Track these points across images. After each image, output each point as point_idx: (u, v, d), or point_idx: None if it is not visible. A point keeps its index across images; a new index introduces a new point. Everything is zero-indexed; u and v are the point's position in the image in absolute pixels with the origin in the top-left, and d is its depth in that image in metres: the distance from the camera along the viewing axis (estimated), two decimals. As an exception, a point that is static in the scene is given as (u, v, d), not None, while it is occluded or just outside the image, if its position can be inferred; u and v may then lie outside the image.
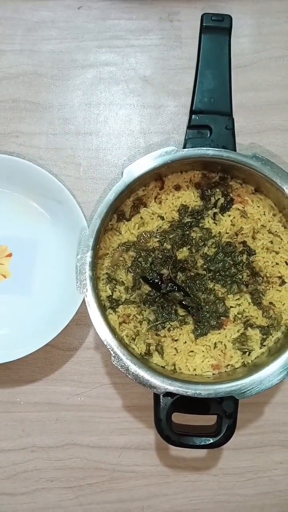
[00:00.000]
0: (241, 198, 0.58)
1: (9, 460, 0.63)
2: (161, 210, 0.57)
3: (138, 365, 0.50)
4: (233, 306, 0.56)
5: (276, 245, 0.56)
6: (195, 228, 0.57)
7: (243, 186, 0.58)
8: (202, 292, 0.56)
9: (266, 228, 0.57)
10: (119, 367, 0.50)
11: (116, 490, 0.64)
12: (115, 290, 0.56)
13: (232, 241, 0.57)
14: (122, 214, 0.56)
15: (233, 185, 0.58)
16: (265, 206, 0.57)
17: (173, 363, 0.55)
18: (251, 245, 0.57)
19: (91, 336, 0.64)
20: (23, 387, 0.64)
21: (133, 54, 0.67)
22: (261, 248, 0.57)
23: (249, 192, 0.58)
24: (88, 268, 0.50)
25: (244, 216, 0.57)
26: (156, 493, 0.64)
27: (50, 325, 0.60)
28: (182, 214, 0.57)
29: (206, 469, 0.64)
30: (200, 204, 0.57)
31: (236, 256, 0.57)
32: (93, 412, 0.64)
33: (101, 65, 0.67)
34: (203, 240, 0.57)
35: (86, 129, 0.67)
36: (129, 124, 0.67)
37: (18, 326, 0.62)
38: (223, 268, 0.57)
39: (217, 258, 0.57)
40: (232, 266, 0.57)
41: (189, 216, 0.57)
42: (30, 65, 0.67)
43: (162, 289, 0.56)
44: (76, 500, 0.63)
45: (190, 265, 0.57)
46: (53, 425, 0.64)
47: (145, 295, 0.56)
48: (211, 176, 0.58)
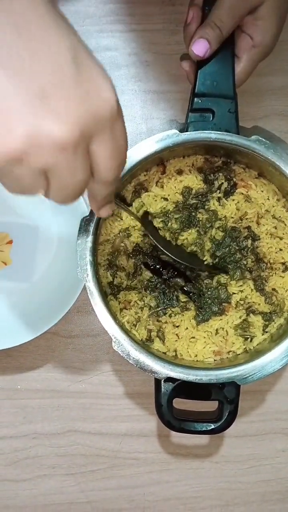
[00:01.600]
0: (245, 182, 0.57)
1: (10, 447, 0.63)
2: (164, 192, 0.56)
3: (139, 350, 0.49)
4: (235, 293, 0.55)
5: (280, 230, 0.56)
6: (201, 210, 0.56)
7: (246, 171, 0.57)
8: (204, 278, 0.55)
9: (270, 213, 0.56)
10: (120, 353, 0.49)
11: (117, 477, 0.64)
12: (116, 276, 0.55)
13: (237, 226, 0.56)
14: (123, 200, 0.55)
15: (236, 169, 0.57)
16: (268, 191, 0.56)
17: (175, 349, 0.54)
18: (255, 231, 0.56)
19: (92, 324, 0.64)
20: (24, 374, 0.64)
21: (135, 38, 0.66)
22: (265, 234, 0.56)
23: (252, 176, 0.57)
24: (88, 253, 0.49)
25: (248, 200, 0.56)
26: (157, 480, 0.64)
27: (51, 312, 0.60)
28: (186, 196, 0.56)
29: (208, 456, 0.64)
30: (204, 187, 0.57)
31: (241, 241, 0.56)
32: (95, 399, 0.64)
33: (103, 50, 0.66)
34: (210, 221, 0.56)
35: (87, 115, 0.66)
36: (131, 110, 0.66)
37: (19, 313, 0.61)
38: (229, 254, 0.56)
39: (224, 242, 0.56)
40: (238, 251, 0.56)
41: (194, 198, 0.56)
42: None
43: (163, 275, 0.55)
44: (78, 487, 0.64)
45: (198, 248, 0.56)
46: (54, 412, 0.64)
47: (146, 281, 0.55)
48: (213, 160, 0.57)
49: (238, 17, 0.52)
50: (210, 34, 0.51)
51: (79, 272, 0.49)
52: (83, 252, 0.49)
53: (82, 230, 0.49)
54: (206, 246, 0.56)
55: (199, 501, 0.64)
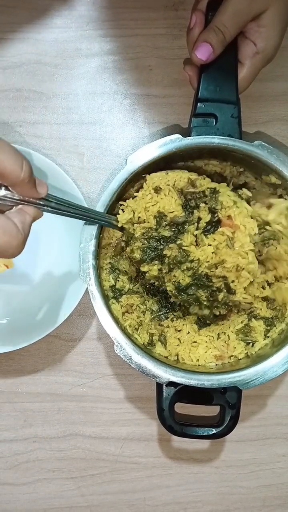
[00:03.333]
0: (232, 221, 0.48)
1: (11, 450, 0.63)
2: (136, 206, 0.51)
3: (141, 354, 0.49)
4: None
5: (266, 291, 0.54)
6: (172, 245, 0.49)
7: (238, 205, 0.49)
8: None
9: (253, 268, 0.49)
10: (122, 357, 0.49)
11: (117, 481, 0.64)
12: (118, 280, 0.55)
13: (210, 273, 0.49)
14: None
15: (223, 201, 0.49)
16: None
17: (176, 354, 0.54)
18: (231, 285, 0.49)
19: (93, 327, 0.64)
20: (25, 377, 0.63)
21: (138, 43, 0.67)
22: (243, 290, 0.50)
23: (244, 214, 0.48)
24: (91, 257, 0.49)
25: (229, 246, 0.48)
26: (158, 485, 0.64)
27: (52, 315, 0.60)
28: (159, 223, 0.49)
29: (208, 461, 0.64)
30: (181, 215, 0.49)
31: (212, 292, 0.50)
32: (95, 403, 0.64)
33: (106, 54, 0.67)
34: (177, 262, 0.49)
35: (90, 118, 0.66)
36: (133, 114, 0.66)
37: (20, 316, 0.61)
38: (193, 302, 0.51)
39: (189, 290, 0.50)
40: (206, 302, 0.50)
41: (167, 229, 0.49)
42: (34, 54, 0.66)
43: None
44: (78, 491, 0.63)
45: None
46: (55, 415, 0.63)
47: (148, 285, 0.55)
48: (199, 184, 0.51)
49: (242, 23, 0.52)
50: (214, 38, 0.51)
51: (81, 275, 0.49)
52: (85, 255, 0.49)
53: (84, 233, 0.49)
54: (168, 286, 0.51)
55: (200, 506, 0.64)
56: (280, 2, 0.51)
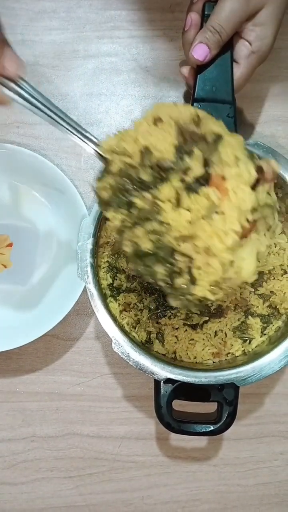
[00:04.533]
0: (222, 181, 0.36)
1: (9, 450, 0.63)
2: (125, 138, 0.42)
3: (139, 352, 0.50)
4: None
5: None
6: (146, 194, 0.38)
7: (239, 165, 0.37)
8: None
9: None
10: (120, 354, 0.49)
11: (116, 480, 0.64)
12: (116, 279, 0.56)
13: (176, 247, 0.37)
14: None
15: (222, 153, 0.37)
16: None
17: (174, 351, 0.55)
18: (195, 271, 0.37)
19: (91, 326, 0.64)
20: (23, 376, 0.64)
21: (135, 44, 0.67)
22: (207, 283, 0.38)
23: (244, 181, 0.36)
24: (89, 255, 0.50)
25: (208, 216, 0.36)
26: (156, 483, 0.64)
27: (50, 314, 0.60)
28: (142, 162, 0.39)
29: (206, 459, 0.64)
30: (170, 159, 0.38)
31: (173, 272, 0.39)
32: (93, 402, 0.64)
33: (103, 56, 0.67)
34: (144, 218, 0.38)
35: (87, 119, 0.67)
36: (131, 115, 0.67)
37: (18, 315, 0.62)
38: (148, 277, 0.40)
39: (146, 260, 0.39)
40: (162, 280, 0.40)
41: (149, 171, 0.38)
42: (31, 56, 0.67)
43: (163, 277, 0.55)
44: (76, 490, 0.63)
45: None
46: (53, 415, 0.64)
47: (146, 283, 0.56)
48: (203, 124, 0.40)
49: (238, 23, 0.53)
50: (210, 39, 0.52)
51: (79, 274, 0.50)
52: (83, 254, 0.50)
53: (82, 232, 0.50)
54: (126, 246, 0.40)
55: (198, 505, 0.64)
56: (275, 0, 0.52)
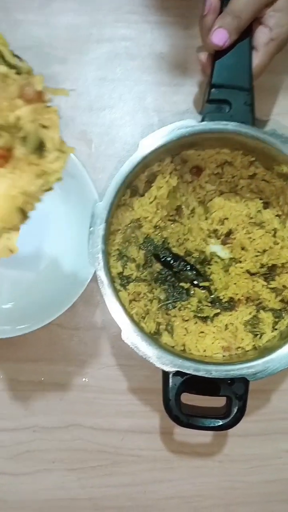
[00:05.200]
0: None
1: (11, 440, 0.62)
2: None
3: (149, 342, 0.48)
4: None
5: None
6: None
7: None
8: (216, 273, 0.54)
9: None
10: (130, 344, 0.48)
11: (119, 474, 0.63)
12: (126, 267, 0.54)
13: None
14: (135, 190, 0.55)
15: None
16: None
17: (183, 344, 0.53)
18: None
19: (97, 316, 0.63)
20: (27, 365, 0.62)
21: (150, 30, 0.66)
22: None
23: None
24: (100, 241, 0.48)
25: None
26: (160, 478, 0.63)
27: (56, 302, 0.59)
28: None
29: (211, 455, 0.63)
30: None
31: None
32: (98, 394, 0.63)
33: (117, 40, 0.66)
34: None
35: (99, 104, 0.65)
36: (144, 101, 0.65)
37: (23, 302, 0.60)
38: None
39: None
40: None
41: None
42: (45, 37, 0.65)
43: (174, 267, 0.54)
44: (78, 483, 0.62)
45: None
46: (57, 405, 0.62)
47: (156, 273, 0.54)
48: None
49: (257, 8, 0.51)
50: (230, 24, 0.50)
51: (90, 260, 0.48)
52: (95, 240, 0.48)
53: (95, 217, 0.48)
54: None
55: (201, 500, 0.63)
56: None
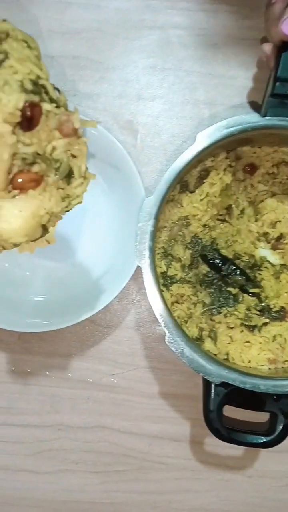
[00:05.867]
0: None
1: (34, 436, 0.60)
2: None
3: (194, 349, 0.46)
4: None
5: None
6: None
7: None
8: (267, 280, 0.51)
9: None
10: (173, 349, 0.45)
11: (144, 480, 0.60)
12: (170, 267, 0.51)
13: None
14: (186, 185, 0.51)
15: None
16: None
17: (226, 352, 0.50)
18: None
19: (132, 315, 0.60)
20: (56, 360, 0.60)
21: (206, 19, 0.62)
22: None
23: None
24: (148, 238, 0.46)
25: None
26: (186, 488, 0.60)
27: (92, 299, 0.56)
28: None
29: (241, 469, 0.60)
30: None
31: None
32: (127, 396, 0.60)
33: (171, 28, 0.62)
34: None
35: (148, 94, 0.62)
36: (195, 93, 0.62)
37: (58, 295, 0.58)
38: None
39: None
40: None
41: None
42: (95, 21, 0.62)
43: (222, 270, 0.51)
44: (101, 486, 0.60)
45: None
46: (84, 404, 0.60)
47: (202, 275, 0.51)
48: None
49: None
50: None
51: (137, 257, 0.45)
52: (143, 236, 0.45)
53: (144, 212, 0.46)
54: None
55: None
56: None
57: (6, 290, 0.56)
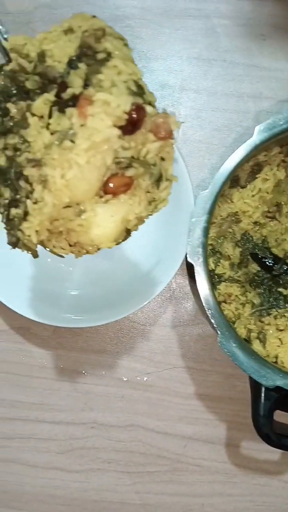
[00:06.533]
0: (88, 105, 0.33)
1: (66, 434, 0.58)
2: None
3: (247, 351, 0.44)
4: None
5: None
6: (22, 103, 0.35)
7: (113, 93, 0.33)
8: None
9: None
10: (225, 350, 0.43)
11: (177, 482, 0.58)
12: (219, 265, 0.50)
13: (24, 170, 0.34)
14: (237, 180, 0.49)
15: (103, 75, 0.34)
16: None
17: (276, 355, 0.49)
18: (28, 204, 0.34)
19: (168, 313, 0.59)
20: (90, 356, 0.58)
21: (252, 8, 0.60)
22: (37, 223, 0.34)
23: (107, 109, 0.33)
24: (201, 234, 0.44)
25: (60, 141, 0.34)
26: (219, 492, 0.58)
27: (130, 296, 0.54)
28: (35, 67, 0.36)
29: (278, 474, 0.58)
30: (60, 69, 0.35)
31: (15, 200, 0.35)
32: (162, 395, 0.59)
33: (216, 17, 0.60)
34: (9, 129, 0.35)
35: (191, 85, 0.60)
36: (240, 85, 0.60)
37: (96, 290, 0.56)
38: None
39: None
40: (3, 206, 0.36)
41: (36, 79, 0.35)
42: (138, 9, 0.60)
43: (274, 270, 0.49)
44: (133, 487, 0.58)
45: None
46: (117, 402, 0.58)
47: (252, 274, 0.49)
48: (103, 40, 0.36)
49: None
50: None
51: (189, 253, 0.44)
52: (196, 232, 0.44)
53: (198, 207, 0.44)
54: None
55: (262, 521, 0.58)
56: None
57: (45, 284, 0.55)
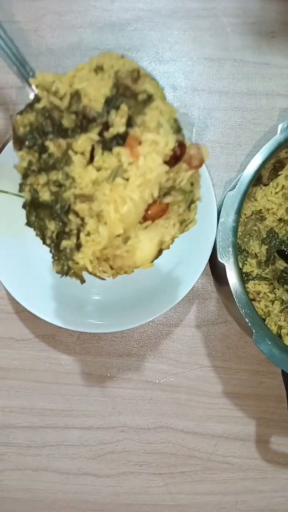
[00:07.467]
0: (137, 144, 0.35)
1: (96, 439, 0.58)
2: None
3: (283, 348, 0.44)
4: None
5: None
6: (61, 140, 0.36)
7: (160, 133, 0.35)
8: None
9: None
10: (262, 350, 0.44)
11: (208, 481, 0.59)
12: (246, 263, 0.50)
13: (73, 205, 0.35)
14: (259, 178, 0.50)
15: (148, 116, 0.35)
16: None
17: (306, 351, 0.49)
18: (82, 236, 0.35)
19: (192, 313, 0.59)
20: (117, 360, 0.59)
21: (261, 6, 0.61)
22: (91, 253, 0.36)
23: (156, 147, 0.35)
24: (231, 234, 0.44)
25: (112, 178, 0.35)
26: (251, 489, 0.59)
27: (154, 300, 0.54)
28: (69, 107, 0.37)
29: (308, 468, 0.59)
30: (98, 109, 0.36)
31: (63, 232, 0.36)
32: (190, 395, 0.59)
33: (224, 16, 0.60)
34: (51, 165, 0.36)
35: (203, 85, 0.60)
36: (252, 83, 0.60)
37: (118, 295, 0.56)
38: (38, 231, 0.38)
39: (40, 212, 0.37)
40: (50, 239, 0.37)
41: (73, 117, 0.37)
42: (145, 11, 0.60)
43: (301, 266, 0.50)
44: (165, 488, 0.59)
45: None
46: (146, 405, 0.59)
47: (279, 271, 0.50)
48: (141, 82, 0.37)
49: None
50: None
51: (219, 254, 0.44)
52: (225, 232, 0.44)
53: (226, 207, 0.44)
54: (25, 194, 0.37)
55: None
56: None
57: (69, 290, 0.54)
